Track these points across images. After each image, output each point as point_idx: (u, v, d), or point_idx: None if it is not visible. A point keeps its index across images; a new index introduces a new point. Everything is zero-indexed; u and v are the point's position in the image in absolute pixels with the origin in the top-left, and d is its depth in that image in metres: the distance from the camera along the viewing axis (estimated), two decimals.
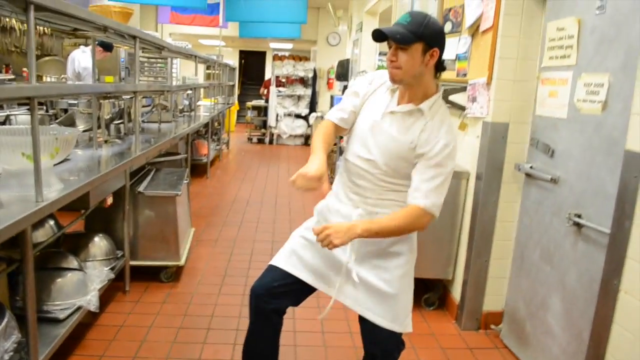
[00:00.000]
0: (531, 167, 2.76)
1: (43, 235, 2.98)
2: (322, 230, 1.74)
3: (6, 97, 1.82)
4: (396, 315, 1.91)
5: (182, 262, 3.61)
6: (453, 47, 3.39)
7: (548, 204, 2.63)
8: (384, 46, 1.91)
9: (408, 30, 1.73)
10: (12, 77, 3.89)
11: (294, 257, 2.02)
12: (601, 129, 2.25)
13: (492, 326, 3.06)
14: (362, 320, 1.96)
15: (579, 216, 2.35)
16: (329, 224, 1.79)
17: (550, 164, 2.63)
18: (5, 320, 1.91)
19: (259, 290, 2.00)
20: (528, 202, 2.83)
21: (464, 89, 3.22)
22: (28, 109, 3.45)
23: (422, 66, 1.77)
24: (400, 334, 1.94)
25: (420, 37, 1.73)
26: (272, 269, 2.04)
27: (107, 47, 5.24)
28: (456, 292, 3.23)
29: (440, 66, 1.84)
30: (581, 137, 2.39)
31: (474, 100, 3.05)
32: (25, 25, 4.99)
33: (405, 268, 1.95)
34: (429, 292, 3.38)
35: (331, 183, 1.98)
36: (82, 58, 5.65)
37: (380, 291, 1.90)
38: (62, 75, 5.73)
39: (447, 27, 3.54)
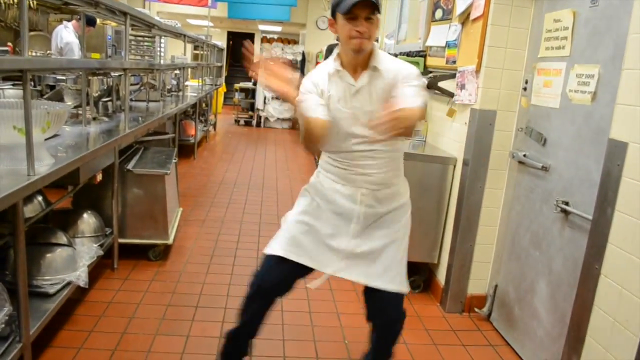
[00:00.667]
0: (524, 155, 2.81)
1: (32, 210, 2.97)
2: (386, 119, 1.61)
3: (1, 68, 1.81)
4: (402, 276, 2.05)
5: (170, 241, 3.63)
6: (443, 34, 3.41)
7: (539, 191, 2.69)
8: None
9: None
10: (6, 49, 3.83)
11: (294, 244, 2.03)
12: (590, 119, 2.30)
13: (476, 309, 3.13)
14: (370, 293, 2.05)
15: (567, 203, 2.41)
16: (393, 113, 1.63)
17: (542, 152, 2.68)
18: None
19: (269, 285, 2.05)
20: (520, 189, 2.88)
21: (453, 76, 3.25)
22: (14, 84, 3.42)
23: None
24: (403, 299, 2.06)
25: (379, 5, 1.81)
26: (278, 262, 2.02)
27: (90, 22, 5.17)
28: (441, 276, 3.29)
29: None
30: (571, 127, 2.44)
31: (462, 87, 3.09)
32: None
33: (406, 230, 2.12)
34: (415, 276, 3.44)
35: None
36: (64, 34, 5.57)
37: (386, 256, 2.01)
38: (48, 51, 5.66)
39: (438, 14, 3.56)
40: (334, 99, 1.91)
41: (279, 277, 2.05)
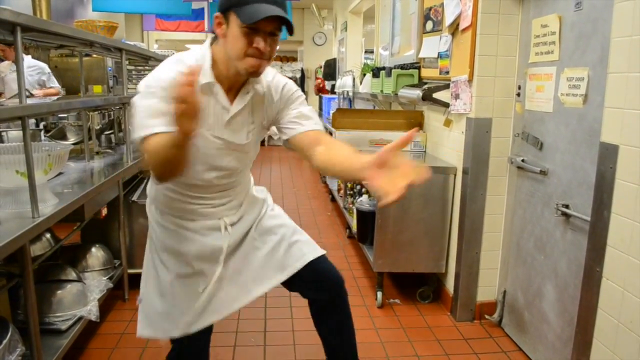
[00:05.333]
0: (522, 160, 2.82)
1: (41, 248, 3.01)
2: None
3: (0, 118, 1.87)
4: (309, 241, 1.95)
5: None
6: (435, 45, 3.45)
7: (539, 195, 2.70)
8: (369, 44, 1.88)
9: (285, 10, 1.48)
10: (3, 99, 3.92)
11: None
12: (583, 122, 2.32)
13: (487, 316, 3.13)
14: (294, 279, 1.91)
15: (567, 206, 2.42)
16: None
17: (539, 157, 2.70)
18: (9, 334, 1.96)
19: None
20: (521, 194, 2.90)
21: (447, 87, 3.28)
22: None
23: None
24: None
25: (291, 24, 1.52)
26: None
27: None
28: (450, 285, 3.30)
29: None
30: (566, 130, 2.46)
31: (457, 97, 3.12)
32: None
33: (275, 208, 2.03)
34: (423, 286, 3.45)
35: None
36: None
37: (283, 240, 1.92)
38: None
39: (429, 25, 3.61)
40: (203, 125, 1.48)
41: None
